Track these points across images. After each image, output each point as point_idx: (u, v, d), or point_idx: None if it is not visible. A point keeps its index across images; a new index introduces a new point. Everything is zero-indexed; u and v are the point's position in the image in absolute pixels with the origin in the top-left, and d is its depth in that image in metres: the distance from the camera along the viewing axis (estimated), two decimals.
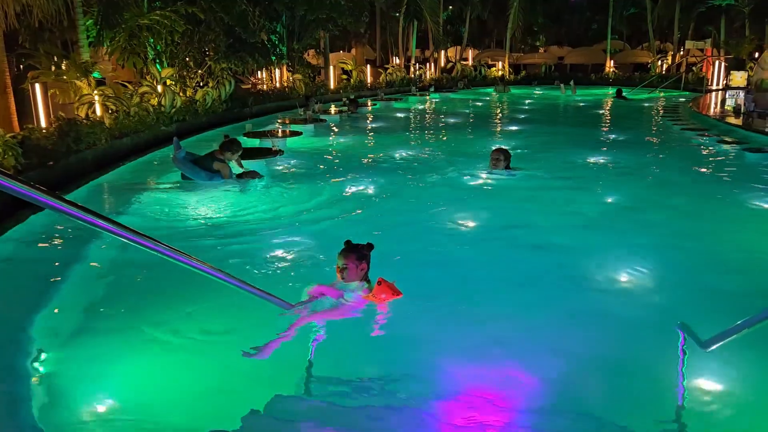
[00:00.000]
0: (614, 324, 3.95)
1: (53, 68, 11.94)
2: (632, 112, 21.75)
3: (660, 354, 3.49)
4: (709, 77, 30.49)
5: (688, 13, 36.98)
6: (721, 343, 2.98)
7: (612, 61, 41.55)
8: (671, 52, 40.43)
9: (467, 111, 21.13)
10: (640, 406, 3.08)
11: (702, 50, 35.80)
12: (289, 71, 22.64)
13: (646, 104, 24.28)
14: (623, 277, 4.74)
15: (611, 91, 29.18)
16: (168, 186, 8.11)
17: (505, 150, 8.67)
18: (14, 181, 1.96)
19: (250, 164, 8.80)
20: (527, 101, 26.02)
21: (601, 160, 10.47)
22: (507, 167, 8.45)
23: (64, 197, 2.17)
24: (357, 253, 3.96)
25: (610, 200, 7.56)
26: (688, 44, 35.30)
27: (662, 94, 29.37)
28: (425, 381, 3.23)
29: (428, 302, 4.18)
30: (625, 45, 49.11)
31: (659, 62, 38.96)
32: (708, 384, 3.21)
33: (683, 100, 24.42)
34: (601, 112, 22.23)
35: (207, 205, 7.15)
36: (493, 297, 4.35)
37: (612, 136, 14.21)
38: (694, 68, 34.46)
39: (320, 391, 3.18)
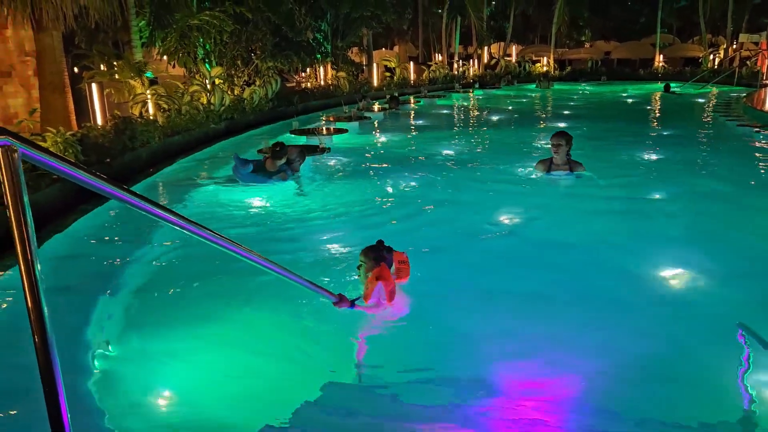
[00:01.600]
0: (675, 325, 3.86)
1: (106, 68, 12.32)
2: (683, 107, 21.18)
3: (720, 355, 3.41)
4: (764, 71, 29.39)
5: (743, 4, 35.77)
6: None
7: (661, 56, 40.45)
8: (724, 46, 39.14)
9: (511, 108, 20.90)
10: (699, 409, 3.00)
11: (757, 43, 34.56)
12: (333, 69, 22.79)
13: (698, 100, 23.59)
14: (682, 278, 4.63)
15: (660, 86, 28.49)
16: (218, 182, 8.28)
17: (567, 134, 7.72)
18: (87, 174, 2.04)
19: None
20: (574, 97, 25.58)
21: (654, 157, 10.23)
22: (568, 154, 7.67)
23: (131, 189, 2.24)
24: (377, 253, 3.95)
25: (665, 198, 7.37)
26: (742, 37, 34.13)
27: (715, 89, 28.49)
28: (472, 380, 3.22)
29: (473, 301, 4.16)
30: (674, 39, 47.84)
31: (711, 56, 37.75)
32: None
33: (736, 95, 23.63)
34: (650, 107, 21.70)
35: (256, 199, 7.28)
36: (544, 297, 4.30)
37: (665, 133, 13.87)
38: (748, 62, 33.29)
39: (369, 384, 3.21)
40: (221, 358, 3.54)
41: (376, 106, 18.12)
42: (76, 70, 16.40)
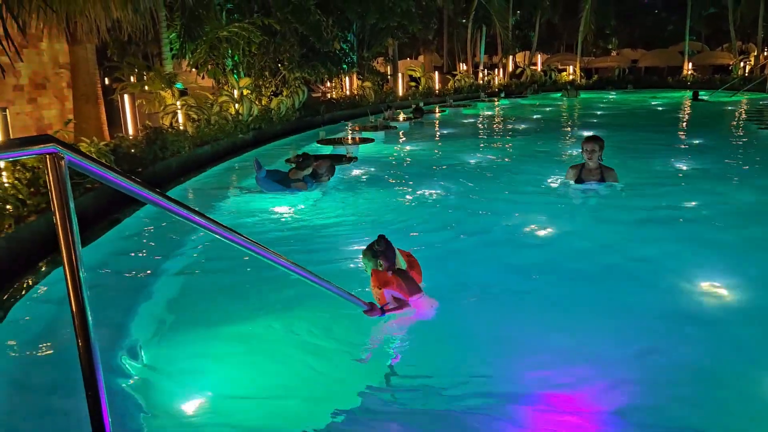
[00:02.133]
0: (709, 334, 3.79)
1: (135, 79, 12.57)
2: (715, 115, 20.84)
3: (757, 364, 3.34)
4: None
5: None
6: None
7: (690, 63, 39.91)
8: (754, 53, 38.49)
9: (538, 116, 20.79)
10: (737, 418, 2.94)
11: None
12: (359, 79, 22.94)
13: (729, 107, 23.20)
14: (717, 288, 4.54)
15: (688, 94, 28.15)
16: (246, 191, 8.37)
17: (600, 138, 7.45)
18: (131, 181, 2.10)
19: None
20: (601, 105, 25.35)
21: (686, 167, 10.07)
22: (600, 159, 7.40)
23: (167, 194, 2.30)
24: (371, 250, 3.90)
25: (700, 210, 7.23)
26: None
27: (745, 97, 28.00)
28: (503, 384, 3.19)
29: (500, 311, 4.14)
30: (703, 46, 47.25)
31: (741, 64, 37.14)
32: None
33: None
34: (680, 115, 21.41)
35: (285, 208, 7.34)
36: (575, 305, 4.25)
37: (696, 141, 13.65)
38: None
39: (401, 390, 3.20)
40: (253, 365, 3.56)
41: (401, 116, 18.17)
42: (107, 81, 16.77)
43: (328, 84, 24.04)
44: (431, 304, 3.90)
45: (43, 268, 4.83)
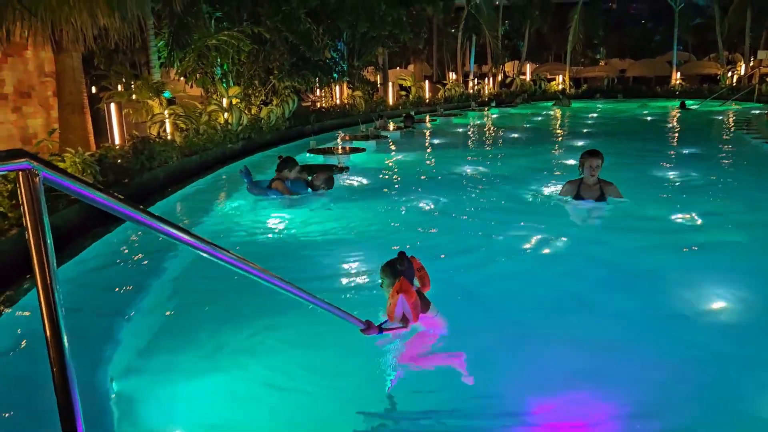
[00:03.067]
0: (716, 354, 3.66)
1: (123, 88, 12.38)
2: (706, 124, 20.92)
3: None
4: None
5: (761, 21, 35.53)
6: None
7: (678, 73, 40.22)
8: (741, 63, 38.86)
9: (529, 126, 20.78)
10: None
11: None
12: (349, 88, 22.85)
13: (719, 117, 23.32)
14: (722, 302, 4.43)
15: (676, 103, 28.35)
16: (234, 201, 8.21)
17: (601, 153, 7.01)
18: (111, 198, 1.94)
19: None
20: (591, 115, 25.40)
21: (683, 177, 9.98)
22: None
23: (148, 210, 2.14)
24: (392, 267, 3.77)
25: (703, 222, 7.09)
26: (761, 54, 33.90)
27: (735, 106, 28.19)
28: (506, 412, 3.05)
29: (498, 327, 4.00)
30: (690, 56, 47.67)
31: (729, 73, 37.47)
32: None
33: (757, 112, 23.34)
34: (671, 125, 21.49)
35: (275, 220, 7.18)
36: (579, 323, 4.12)
37: (689, 151, 13.63)
38: (767, 79, 32.98)
39: (403, 415, 3.05)
40: (239, 385, 3.39)
41: (391, 125, 18.07)
42: (94, 90, 16.55)
43: (318, 93, 23.92)
44: (441, 324, 3.77)
45: (25, 285, 4.63)
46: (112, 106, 10.73)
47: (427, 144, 15.88)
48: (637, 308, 4.35)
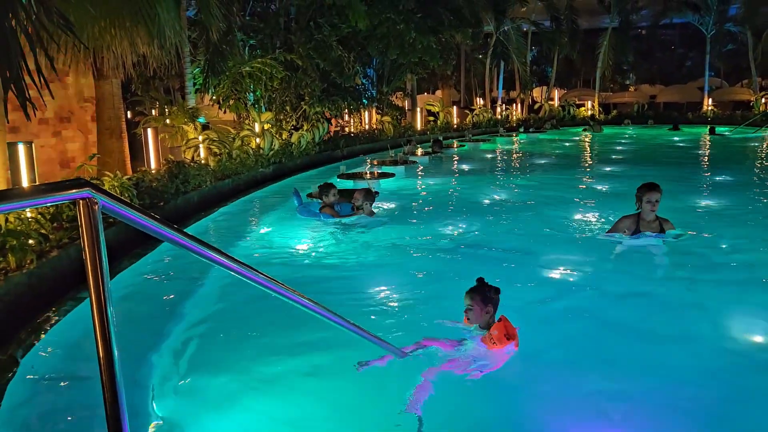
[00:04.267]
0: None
1: (157, 113, 12.70)
2: (737, 152, 20.61)
3: None
4: None
5: None
6: None
7: (710, 99, 39.74)
8: None
9: (559, 152, 20.68)
10: None
11: None
12: (378, 113, 23.06)
13: (752, 144, 22.96)
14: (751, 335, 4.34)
15: (705, 129, 28.14)
16: (267, 225, 8.33)
17: (659, 187, 6.43)
18: (159, 223, 2.02)
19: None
20: (621, 141, 25.20)
21: (706, 203, 9.84)
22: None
23: (185, 231, 2.21)
24: (483, 294, 3.80)
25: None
26: None
27: None
28: None
29: (534, 356, 3.95)
30: (722, 82, 47.10)
31: (762, 99, 36.91)
32: None
33: None
34: (703, 151, 21.21)
35: (307, 244, 7.25)
36: (616, 357, 4.06)
37: (718, 178, 13.44)
38: None
39: None
40: (279, 408, 3.43)
41: (419, 150, 18.16)
42: (130, 115, 16.98)
43: (346, 118, 24.14)
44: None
45: (65, 306, 4.75)
46: (149, 131, 11.00)
47: (455, 169, 15.91)
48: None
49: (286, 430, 3.23)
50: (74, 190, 1.69)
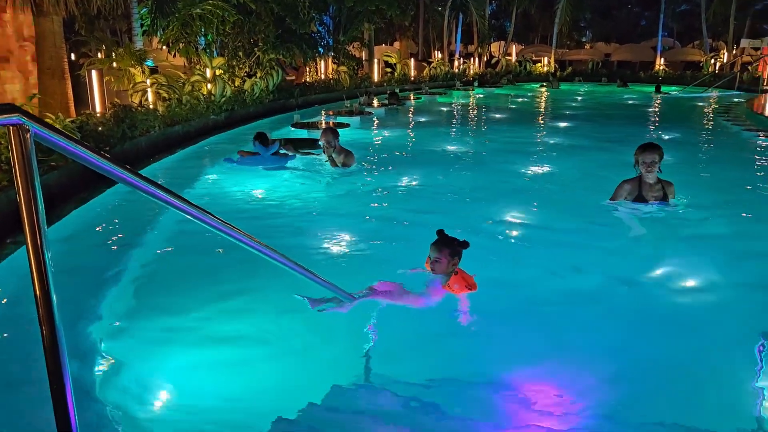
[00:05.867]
0: (686, 331, 3.75)
1: (103, 55, 12.16)
2: (686, 110, 21.15)
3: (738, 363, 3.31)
4: (765, 77, 29.42)
5: (745, 10, 35.79)
6: None
7: (662, 59, 40.45)
8: (724, 51, 39.18)
9: (515, 106, 20.82)
10: (715, 415, 2.89)
11: (757, 49, 34.63)
12: (334, 63, 22.64)
13: (700, 103, 23.58)
14: (694, 286, 4.52)
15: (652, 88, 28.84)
16: (217, 173, 8.18)
17: (659, 147, 5.96)
18: (102, 158, 1.94)
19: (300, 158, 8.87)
20: (575, 97, 25.51)
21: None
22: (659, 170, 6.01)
23: (139, 172, 2.13)
24: (452, 248, 3.86)
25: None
26: (744, 43, 34.17)
27: (716, 93, 28.51)
28: (484, 384, 3.09)
29: (487, 302, 4.03)
30: (675, 42, 47.92)
31: (712, 61, 37.78)
32: None
33: (738, 100, 23.62)
34: (651, 109, 21.67)
35: (260, 192, 7.16)
36: (561, 300, 4.18)
37: (666, 136, 13.77)
38: (749, 68, 33.31)
39: (377, 382, 3.08)
40: (226, 348, 3.42)
41: (375, 102, 17.99)
42: (74, 57, 16.20)
43: (303, 67, 23.62)
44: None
45: (6, 250, 4.59)
46: (93, 73, 10.54)
47: (411, 121, 15.85)
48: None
49: (232, 371, 3.23)
50: (2, 115, 1.60)
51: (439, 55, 36.42)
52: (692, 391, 3.08)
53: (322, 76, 22.92)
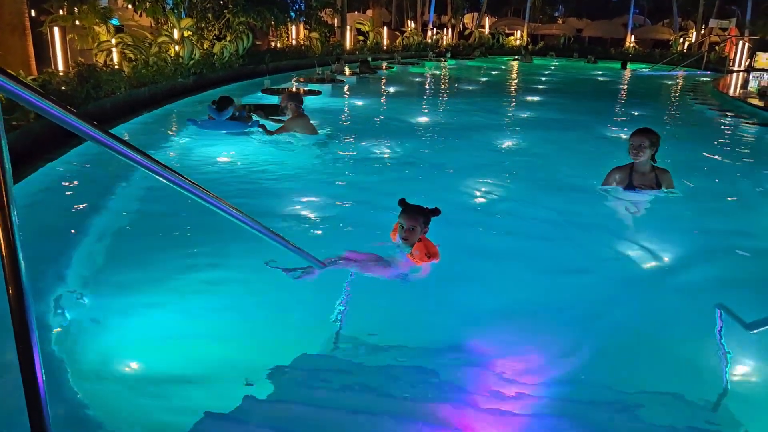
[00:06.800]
0: (648, 308, 3.85)
1: (66, 12, 11.72)
2: (653, 88, 21.43)
3: (700, 335, 3.42)
4: (732, 58, 29.93)
5: None
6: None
7: (632, 36, 40.80)
8: (693, 30, 39.65)
9: (486, 79, 20.81)
10: (678, 387, 2.99)
11: (725, 30, 35.11)
12: (306, 29, 22.26)
13: (668, 81, 23.91)
14: (655, 261, 4.62)
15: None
16: (184, 136, 8.03)
17: (653, 132, 5.55)
18: (67, 112, 1.88)
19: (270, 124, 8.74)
20: (546, 72, 25.61)
21: (623, 136, 10.26)
22: (653, 159, 5.63)
23: (109, 131, 2.08)
24: (425, 215, 3.85)
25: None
26: (712, 23, 34.60)
27: (683, 72, 28.92)
28: (450, 350, 3.14)
29: (454, 271, 4.08)
30: (645, 20, 48.30)
31: (681, 40, 38.23)
32: (754, 366, 3.13)
33: (704, 79, 24.03)
34: (620, 86, 21.91)
35: (229, 157, 7.07)
36: (526, 268, 4.25)
37: (634, 112, 13.98)
38: (716, 48, 33.82)
39: (345, 348, 3.11)
40: (194, 314, 3.40)
41: (347, 70, 17.80)
42: (34, 13, 15.57)
43: (274, 33, 23.17)
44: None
45: None
46: (56, 30, 10.17)
47: (383, 90, 15.74)
48: None
49: (200, 339, 3.21)
50: None
51: (413, 25, 36.09)
52: (655, 357, 3.19)
53: (293, 42, 22.54)
